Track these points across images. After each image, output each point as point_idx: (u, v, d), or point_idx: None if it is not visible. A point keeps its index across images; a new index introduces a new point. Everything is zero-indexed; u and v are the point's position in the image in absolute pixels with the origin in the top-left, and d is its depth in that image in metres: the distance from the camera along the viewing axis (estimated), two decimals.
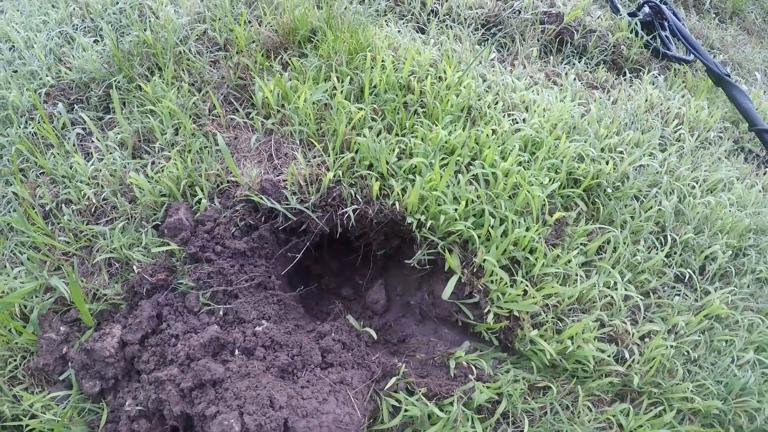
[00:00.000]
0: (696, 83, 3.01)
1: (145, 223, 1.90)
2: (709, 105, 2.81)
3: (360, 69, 2.19)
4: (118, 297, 1.79)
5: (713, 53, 3.39)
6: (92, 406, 1.65)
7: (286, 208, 1.84)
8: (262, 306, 1.76)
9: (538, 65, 2.70)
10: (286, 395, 1.50)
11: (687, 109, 2.69)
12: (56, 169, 2.03)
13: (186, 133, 2.04)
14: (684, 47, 3.15)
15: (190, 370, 1.55)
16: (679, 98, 2.75)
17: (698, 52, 3.02)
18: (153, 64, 2.32)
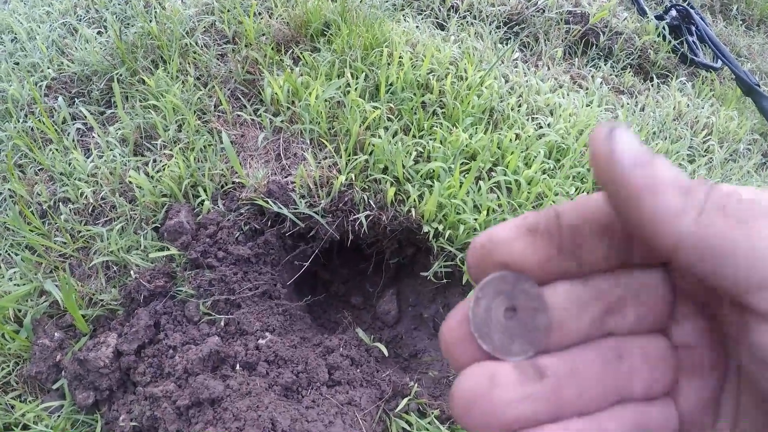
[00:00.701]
0: (724, 92, 2.87)
1: (145, 225, 1.78)
2: (739, 115, 2.67)
3: (376, 65, 2.06)
4: (115, 302, 1.68)
5: (740, 61, 3.24)
6: (86, 417, 1.54)
7: (294, 212, 1.71)
8: (266, 317, 1.63)
9: (563, 67, 2.57)
10: (290, 417, 1.38)
11: (716, 119, 2.55)
12: (54, 165, 1.92)
13: (190, 129, 1.92)
14: (711, 54, 3.02)
15: (188, 386, 1.44)
16: (708, 107, 2.61)
17: (728, 60, 2.89)
18: (157, 56, 2.21)
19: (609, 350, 0.34)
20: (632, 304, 0.34)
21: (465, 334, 0.34)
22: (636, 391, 0.34)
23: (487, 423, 0.31)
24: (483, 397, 0.31)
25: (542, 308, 0.33)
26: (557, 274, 0.34)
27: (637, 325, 0.34)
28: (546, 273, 0.33)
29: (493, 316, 0.34)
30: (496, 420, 0.31)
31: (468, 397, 0.31)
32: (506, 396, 0.31)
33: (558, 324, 0.34)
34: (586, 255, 0.33)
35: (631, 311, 0.34)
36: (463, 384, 0.32)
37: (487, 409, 0.31)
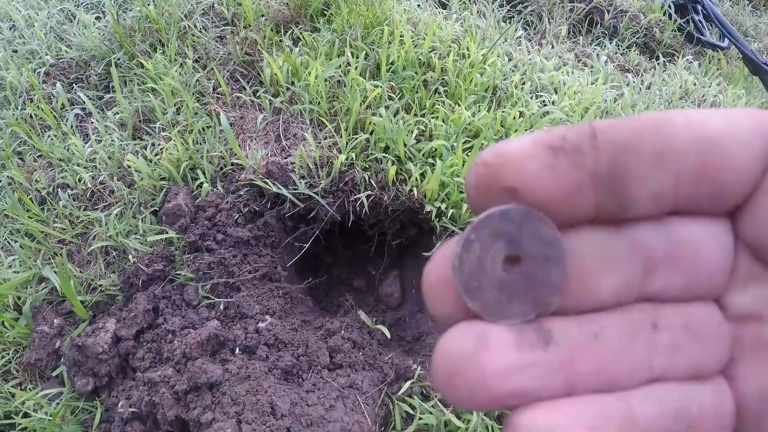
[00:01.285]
0: (731, 71, 2.80)
1: (144, 209, 1.73)
2: (747, 94, 2.59)
3: (377, 44, 2.00)
4: (114, 288, 1.64)
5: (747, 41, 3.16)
6: (85, 404, 1.50)
7: (293, 193, 1.65)
8: (266, 300, 1.58)
9: (567, 45, 2.49)
10: (289, 401, 1.33)
11: (723, 98, 2.48)
12: (53, 151, 1.88)
13: (188, 112, 1.86)
14: (718, 33, 2.93)
15: (186, 370, 1.39)
16: (715, 86, 2.54)
17: (735, 39, 2.80)
18: (156, 40, 2.15)
19: (641, 317, 0.27)
20: (681, 264, 0.27)
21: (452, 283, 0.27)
22: (676, 369, 0.27)
23: (474, 395, 0.25)
24: (469, 363, 0.25)
25: (558, 258, 0.26)
26: (586, 215, 0.26)
27: (684, 291, 0.28)
28: (571, 211, 0.26)
29: (487, 267, 0.26)
30: (485, 391, 0.25)
31: (451, 363, 0.25)
32: (499, 362, 0.25)
33: (578, 281, 0.27)
34: (632, 190, 0.25)
35: (679, 273, 0.27)
36: (446, 347, 0.25)
37: (474, 377, 0.25)
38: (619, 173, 0.25)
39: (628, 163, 0.25)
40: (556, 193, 0.25)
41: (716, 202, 0.26)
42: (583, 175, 0.25)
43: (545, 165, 0.25)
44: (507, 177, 0.25)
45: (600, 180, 0.25)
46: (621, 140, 0.25)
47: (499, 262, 0.26)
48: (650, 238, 0.27)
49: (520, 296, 0.26)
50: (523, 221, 0.25)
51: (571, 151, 0.25)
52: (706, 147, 0.25)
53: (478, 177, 0.26)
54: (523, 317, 0.26)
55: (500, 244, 0.26)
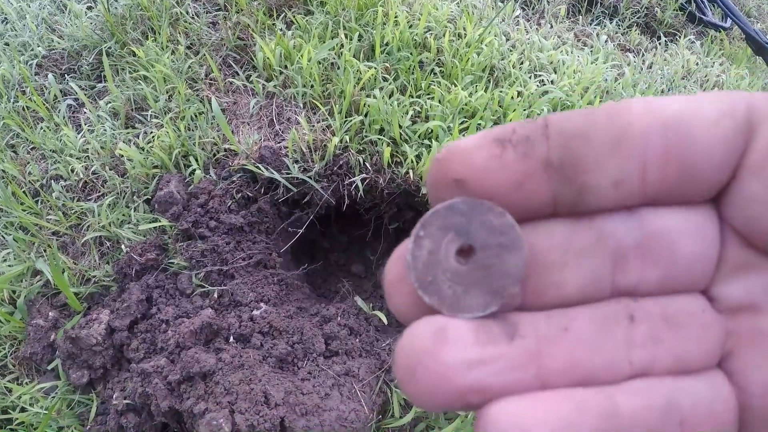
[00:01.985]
0: (734, 51, 2.73)
1: (136, 198, 1.68)
2: (750, 74, 2.53)
3: (371, 25, 1.94)
4: (107, 279, 1.59)
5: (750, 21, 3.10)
6: (81, 397, 1.46)
7: (287, 177, 1.60)
8: (260, 287, 1.53)
9: (566, 24, 2.43)
10: (284, 390, 1.27)
11: (726, 77, 2.41)
12: (45, 143, 1.83)
13: (180, 98, 1.81)
14: (720, 13, 2.87)
15: (179, 360, 1.34)
16: (718, 66, 2.48)
17: (737, 19, 2.73)
18: (147, 27, 2.09)
19: (616, 309, 0.25)
20: (656, 256, 0.25)
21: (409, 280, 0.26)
22: (659, 363, 0.25)
23: (434, 391, 0.23)
24: (428, 358, 0.23)
25: (513, 245, 0.25)
26: (544, 207, 0.25)
27: (662, 284, 0.26)
28: (525, 202, 0.24)
29: (440, 260, 0.25)
30: (446, 387, 0.23)
31: (411, 360, 0.23)
32: (458, 356, 0.23)
33: (540, 275, 0.25)
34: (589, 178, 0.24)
35: (654, 266, 0.25)
36: (406, 343, 0.24)
37: (433, 373, 0.23)
38: (573, 161, 0.24)
39: (582, 150, 0.24)
40: (505, 182, 0.24)
41: (691, 189, 0.25)
42: (533, 164, 0.24)
43: (491, 155, 0.24)
44: (455, 169, 0.24)
45: (553, 169, 0.24)
46: (573, 128, 0.24)
47: (452, 255, 0.25)
48: (619, 230, 0.25)
49: (478, 288, 0.25)
50: (472, 212, 0.25)
51: (519, 142, 0.24)
52: (669, 131, 0.23)
53: (431, 174, 0.25)
54: (484, 310, 0.25)
55: (450, 237, 0.25)
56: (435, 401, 0.23)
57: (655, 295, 0.26)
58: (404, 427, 1.38)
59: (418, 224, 0.26)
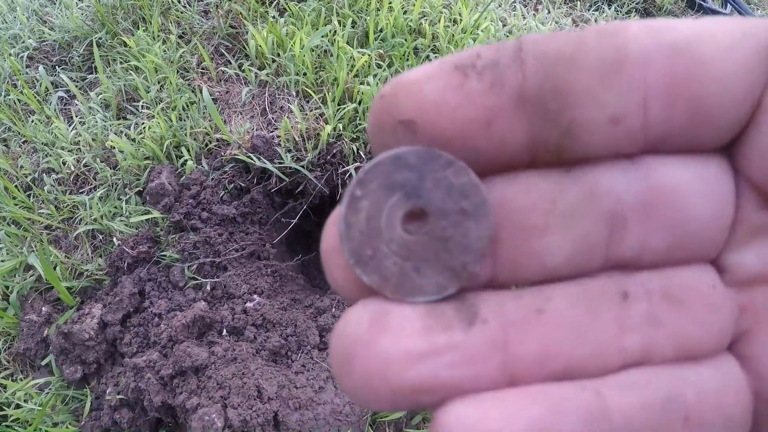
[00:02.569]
0: None
1: (128, 190, 1.65)
2: None
3: (364, 12, 1.89)
4: (100, 272, 1.56)
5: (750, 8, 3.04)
6: (75, 392, 1.44)
7: (280, 167, 1.56)
8: (254, 278, 1.49)
9: (563, 10, 2.38)
10: (277, 384, 1.24)
11: None
12: (36, 136, 1.80)
13: (171, 88, 1.77)
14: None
15: (172, 354, 1.31)
16: None
17: (738, 5, 2.68)
18: (138, 17, 2.06)
19: (606, 286, 0.20)
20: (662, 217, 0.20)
21: None
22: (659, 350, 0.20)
23: (372, 389, 0.19)
24: (363, 349, 0.18)
25: (478, 211, 0.19)
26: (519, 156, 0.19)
27: (667, 253, 0.21)
28: (494, 149, 0.19)
29: (382, 229, 0.20)
30: (385, 384, 0.18)
31: (345, 350, 0.19)
32: (399, 348, 0.18)
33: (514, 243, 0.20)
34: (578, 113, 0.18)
35: (659, 229, 0.20)
36: (341, 330, 0.19)
37: (369, 366, 0.18)
38: (557, 92, 0.18)
39: (568, 78, 0.18)
40: (468, 123, 0.18)
41: (702, 132, 0.19)
42: (504, 97, 0.18)
43: (450, 87, 0.18)
44: (401, 108, 0.18)
45: (530, 103, 0.18)
46: (555, 51, 0.18)
47: (397, 222, 0.20)
48: (616, 184, 0.20)
49: (431, 265, 0.20)
50: (425, 166, 0.19)
51: (485, 68, 0.18)
52: (675, 56, 0.18)
53: (373, 115, 0.19)
54: (438, 293, 0.20)
55: (396, 198, 0.20)
56: (374, 400, 0.19)
57: (656, 267, 0.21)
58: (400, 420, 1.35)
59: (353, 181, 0.20)
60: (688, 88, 0.19)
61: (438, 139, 0.19)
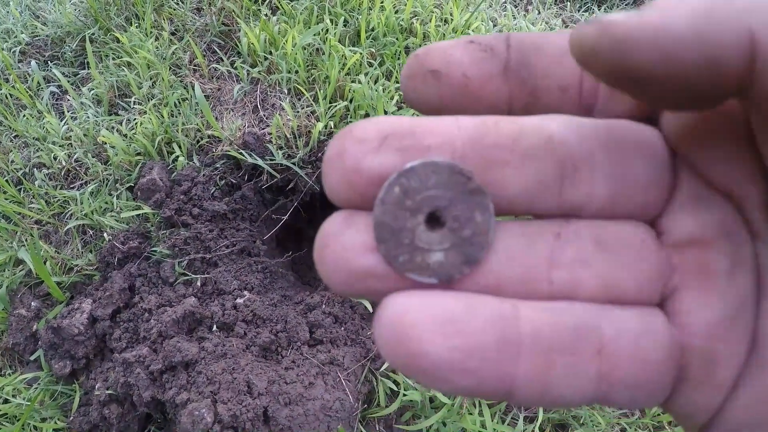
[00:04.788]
0: None
1: (119, 186, 1.63)
2: None
3: (356, 11, 1.89)
4: (90, 268, 1.55)
5: None
6: (64, 388, 1.42)
7: (271, 164, 1.55)
8: (244, 275, 1.48)
9: (554, 11, 2.38)
10: (267, 379, 1.23)
11: None
12: (28, 131, 1.78)
13: (164, 84, 1.75)
14: None
15: (162, 350, 1.30)
16: None
17: None
18: (131, 13, 2.04)
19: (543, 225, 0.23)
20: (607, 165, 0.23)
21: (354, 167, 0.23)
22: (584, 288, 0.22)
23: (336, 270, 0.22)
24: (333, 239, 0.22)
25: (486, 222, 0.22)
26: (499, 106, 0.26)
27: (611, 203, 0.23)
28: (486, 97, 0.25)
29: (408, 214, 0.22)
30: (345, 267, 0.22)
31: (321, 240, 0.22)
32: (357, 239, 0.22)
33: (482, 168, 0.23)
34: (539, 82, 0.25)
35: (604, 178, 0.23)
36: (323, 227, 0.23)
37: (336, 251, 0.22)
38: (528, 66, 0.25)
39: (535, 58, 0.25)
40: (473, 77, 0.25)
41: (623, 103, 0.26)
42: (496, 65, 0.25)
43: (466, 52, 0.25)
44: (432, 62, 0.25)
45: (511, 72, 0.25)
46: (530, 41, 0.26)
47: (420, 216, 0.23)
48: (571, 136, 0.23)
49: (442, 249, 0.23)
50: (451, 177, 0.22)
51: (486, 46, 0.26)
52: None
53: (408, 67, 0.26)
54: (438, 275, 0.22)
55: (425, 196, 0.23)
56: (338, 282, 0.22)
57: (599, 218, 0.23)
58: (390, 416, 1.34)
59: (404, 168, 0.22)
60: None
61: (453, 85, 0.25)
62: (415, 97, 0.26)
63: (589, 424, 1.37)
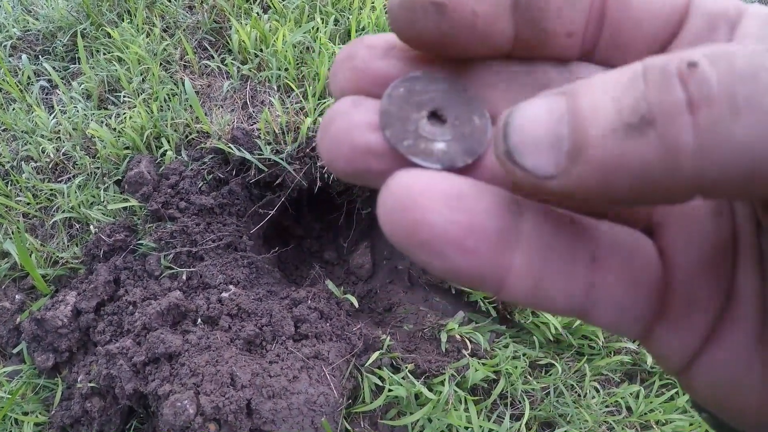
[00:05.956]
0: None
1: (107, 179, 1.62)
2: None
3: (347, 10, 1.88)
4: (76, 260, 1.53)
5: None
6: (46, 381, 1.40)
7: (259, 159, 1.54)
8: (230, 269, 1.47)
9: None
10: (251, 372, 1.22)
11: None
12: (17, 124, 1.76)
13: (154, 79, 1.74)
14: None
15: (145, 341, 1.28)
16: None
17: None
18: (123, 9, 2.03)
19: None
20: None
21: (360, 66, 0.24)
22: None
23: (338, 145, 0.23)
24: (340, 117, 0.23)
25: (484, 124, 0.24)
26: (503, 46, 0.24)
27: None
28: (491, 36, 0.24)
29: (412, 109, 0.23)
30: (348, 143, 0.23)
31: (328, 117, 0.23)
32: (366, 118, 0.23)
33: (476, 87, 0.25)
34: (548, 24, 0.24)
35: None
36: (331, 108, 0.23)
37: (342, 127, 0.23)
38: (538, 7, 0.24)
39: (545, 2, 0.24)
40: (481, 14, 0.23)
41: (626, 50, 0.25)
42: (504, 3, 0.23)
43: None
44: None
45: (519, 11, 0.23)
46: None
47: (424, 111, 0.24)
48: (551, 73, 0.25)
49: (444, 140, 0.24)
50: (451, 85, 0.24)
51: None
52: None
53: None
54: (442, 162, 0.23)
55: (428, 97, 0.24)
56: (339, 157, 0.23)
57: None
58: (375, 412, 1.33)
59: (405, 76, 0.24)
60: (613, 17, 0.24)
61: (460, 21, 0.23)
62: (409, 29, 0.23)
63: (576, 421, 1.37)
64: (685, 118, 0.16)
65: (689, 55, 0.16)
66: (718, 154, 0.16)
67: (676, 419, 1.39)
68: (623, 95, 0.17)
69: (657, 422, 1.41)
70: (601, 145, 0.17)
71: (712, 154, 0.16)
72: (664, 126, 0.16)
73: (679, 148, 0.16)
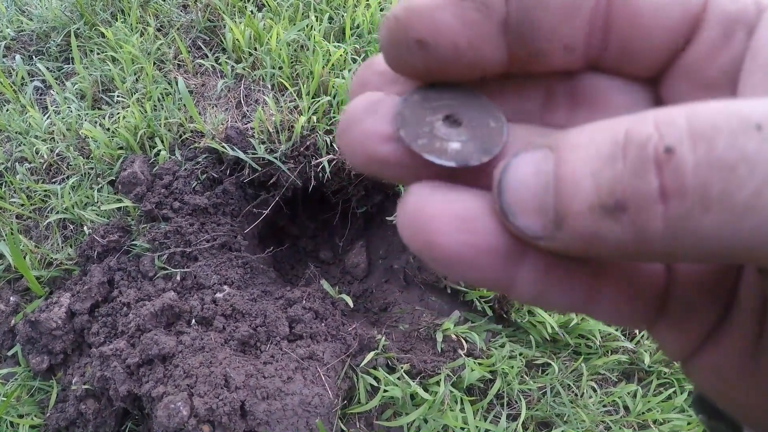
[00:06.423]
0: None
1: (101, 180, 1.60)
2: None
3: (342, 8, 1.87)
4: (70, 262, 1.52)
5: None
6: (41, 384, 1.39)
7: (253, 158, 1.53)
8: (224, 269, 1.46)
9: None
10: (245, 373, 1.20)
11: None
12: (11, 125, 1.75)
13: (148, 79, 1.73)
14: None
15: (139, 343, 1.27)
16: None
17: None
18: (117, 9, 2.02)
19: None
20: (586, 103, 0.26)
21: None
22: None
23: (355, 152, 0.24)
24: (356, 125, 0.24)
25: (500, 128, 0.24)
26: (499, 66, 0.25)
27: None
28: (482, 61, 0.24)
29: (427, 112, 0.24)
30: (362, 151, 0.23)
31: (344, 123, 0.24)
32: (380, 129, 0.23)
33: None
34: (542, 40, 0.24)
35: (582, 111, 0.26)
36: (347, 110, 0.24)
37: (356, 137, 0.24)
38: (530, 23, 0.23)
39: (540, 15, 0.23)
40: (468, 43, 0.23)
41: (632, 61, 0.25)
42: (493, 26, 0.23)
43: (455, 14, 0.23)
44: (418, 30, 0.23)
45: (510, 30, 0.23)
46: None
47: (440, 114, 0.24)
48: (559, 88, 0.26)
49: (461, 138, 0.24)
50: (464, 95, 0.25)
51: (481, 2, 0.23)
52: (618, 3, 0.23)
53: (389, 32, 0.24)
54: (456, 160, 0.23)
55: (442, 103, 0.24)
56: (358, 164, 0.24)
57: None
58: (371, 413, 1.31)
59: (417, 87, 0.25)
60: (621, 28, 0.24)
61: (445, 54, 0.23)
62: (399, 63, 0.24)
63: (573, 421, 1.36)
64: (657, 207, 0.17)
65: (670, 134, 0.17)
66: (687, 242, 0.17)
67: (673, 418, 1.38)
68: (602, 171, 0.17)
69: (654, 422, 1.39)
70: (581, 221, 0.18)
71: (681, 241, 0.17)
72: (637, 213, 0.17)
73: (649, 233, 0.17)
